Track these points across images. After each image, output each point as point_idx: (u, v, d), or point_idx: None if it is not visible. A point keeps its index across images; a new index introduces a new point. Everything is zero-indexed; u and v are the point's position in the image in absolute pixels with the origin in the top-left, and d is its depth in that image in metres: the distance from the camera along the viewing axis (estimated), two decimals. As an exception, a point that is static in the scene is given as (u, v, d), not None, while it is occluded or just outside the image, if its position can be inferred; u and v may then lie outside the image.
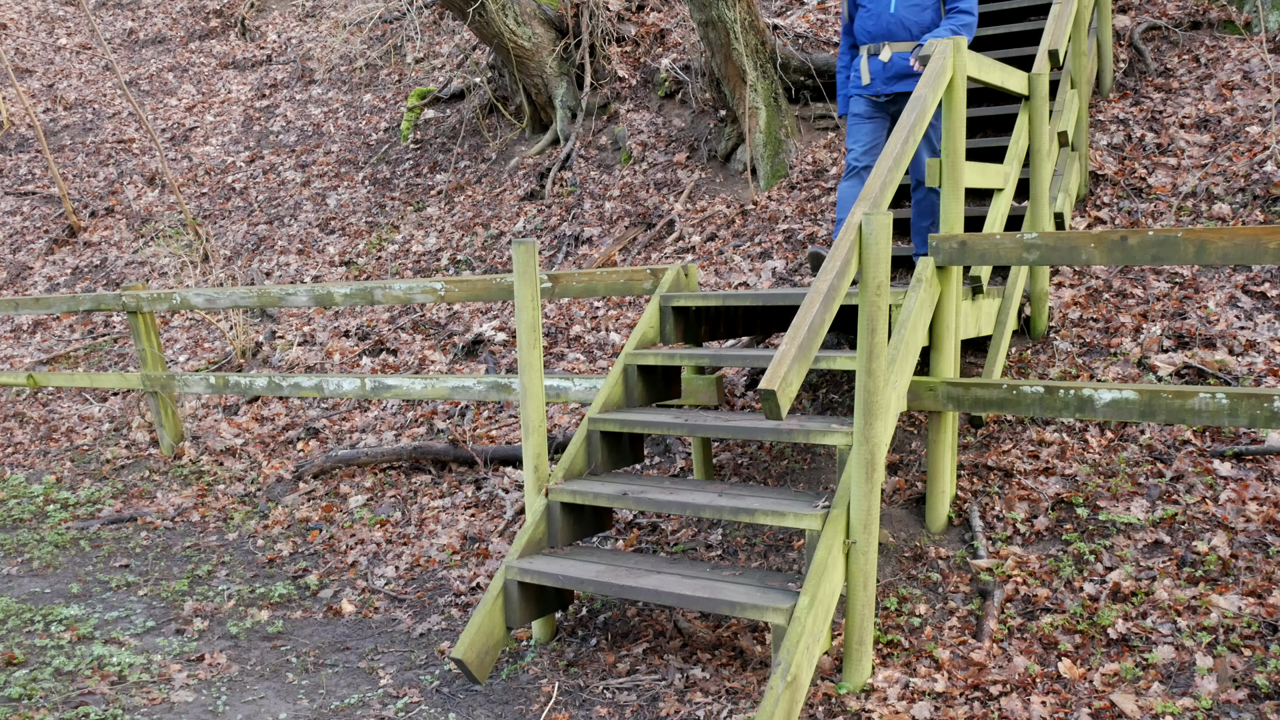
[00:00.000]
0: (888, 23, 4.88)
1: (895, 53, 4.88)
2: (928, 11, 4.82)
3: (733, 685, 3.45)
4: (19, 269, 10.63)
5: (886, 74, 4.91)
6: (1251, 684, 3.13)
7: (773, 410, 2.90)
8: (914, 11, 4.83)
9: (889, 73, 4.91)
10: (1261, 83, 6.27)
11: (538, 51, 8.61)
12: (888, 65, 4.91)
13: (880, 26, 4.91)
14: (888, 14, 4.86)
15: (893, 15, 4.85)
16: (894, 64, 4.89)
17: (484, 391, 5.26)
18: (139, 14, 15.29)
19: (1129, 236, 3.36)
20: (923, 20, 4.82)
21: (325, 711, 3.59)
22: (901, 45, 4.90)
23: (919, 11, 4.83)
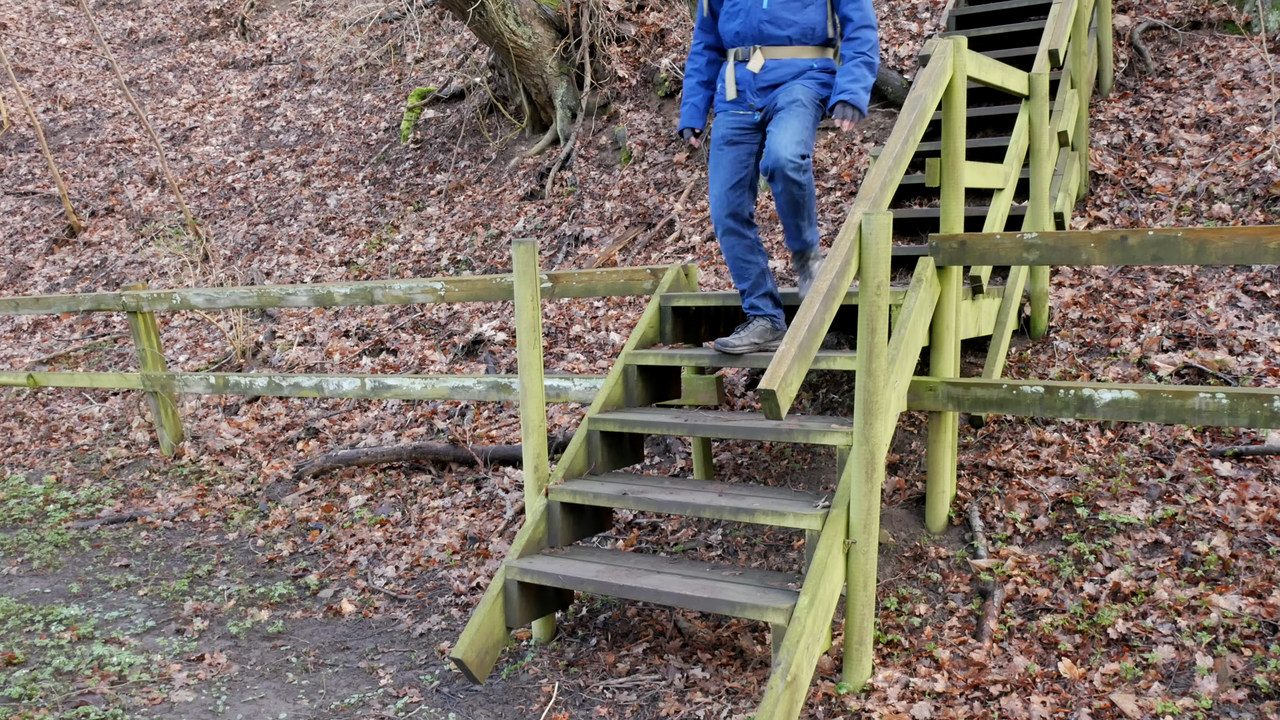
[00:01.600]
0: (758, 21, 3.98)
1: (769, 59, 4.00)
2: (810, 9, 3.96)
3: (733, 685, 3.45)
4: (19, 269, 10.63)
5: (758, 84, 4.02)
6: (1251, 684, 3.13)
7: (773, 410, 2.90)
8: (791, 9, 3.94)
9: (761, 83, 4.02)
10: (1261, 83, 6.27)
11: (538, 51, 8.61)
12: (759, 75, 4.02)
13: (749, 26, 4.01)
14: (759, 10, 3.96)
15: (765, 12, 3.96)
16: (768, 72, 4.01)
17: (484, 391, 5.26)
18: (139, 14, 15.29)
19: (1129, 236, 3.36)
20: (803, 20, 3.96)
21: (325, 711, 3.59)
22: (777, 50, 4.00)
23: (798, 9, 3.95)
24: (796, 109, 3.92)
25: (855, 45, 3.93)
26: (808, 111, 3.93)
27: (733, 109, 4.11)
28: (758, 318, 4.18)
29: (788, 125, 3.89)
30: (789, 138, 3.86)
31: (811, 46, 4.00)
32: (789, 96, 3.96)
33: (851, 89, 3.88)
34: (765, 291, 4.18)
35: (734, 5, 4.03)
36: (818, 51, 4.01)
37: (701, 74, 4.27)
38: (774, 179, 3.88)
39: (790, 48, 3.99)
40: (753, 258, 4.14)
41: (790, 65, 3.99)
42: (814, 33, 3.98)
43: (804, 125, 3.91)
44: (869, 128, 7.33)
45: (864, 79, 3.90)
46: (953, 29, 7.36)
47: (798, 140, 3.86)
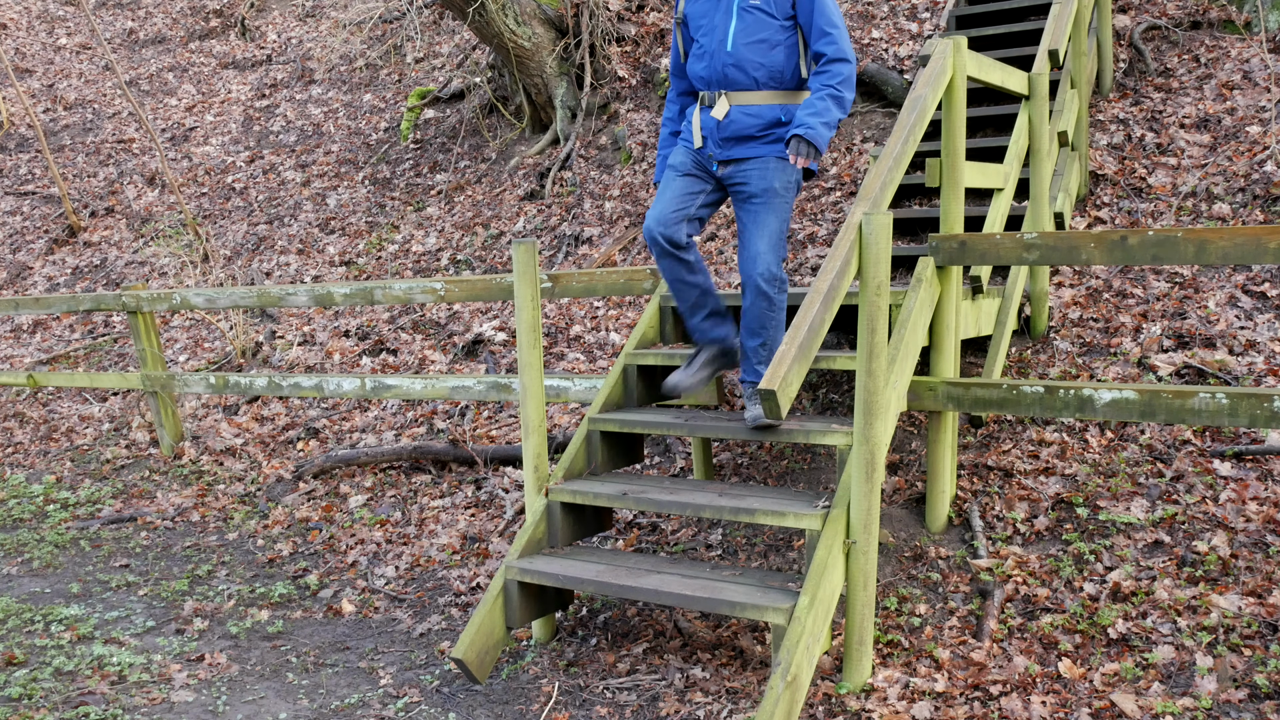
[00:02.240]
0: (723, 65, 3.64)
1: (734, 106, 3.65)
2: (777, 51, 3.62)
3: (733, 685, 3.45)
4: (19, 269, 10.63)
5: (723, 134, 3.68)
6: (1251, 684, 3.13)
7: (773, 410, 2.90)
8: (758, 50, 3.61)
9: (726, 132, 3.67)
10: (1261, 83, 6.27)
11: (538, 51, 8.60)
12: (724, 124, 3.67)
13: (714, 70, 3.67)
14: (723, 53, 3.63)
15: (729, 55, 3.62)
16: (733, 121, 3.66)
17: (484, 391, 5.26)
18: (139, 14, 15.29)
19: (1129, 236, 3.36)
20: (770, 62, 3.62)
21: (325, 711, 3.59)
22: (743, 96, 3.66)
23: (764, 51, 3.61)
24: (771, 204, 3.62)
25: (824, 78, 3.55)
26: (783, 204, 3.65)
27: (699, 155, 3.82)
28: (704, 345, 3.88)
29: (762, 224, 3.60)
30: (764, 245, 3.59)
31: (781, 91, 3.66)
32: (763, 180, 3.63)
33: (809, 123, 3.49)
34: (710, 311, 3.86)
35: (699, 47, 3.74)
36: (787, 97, 3.67)
37: (676, 123, 3.99)
38: (744, 290, 3.64)
39: (758, 93, 3.64)
40: (692, 278, 3.82)
41: (757, 115, 3.64)
42: (783, 76, 3.65)
43: (781, 224, 3.64)
44: (869, 128, 7.32)
45: (827, 114, 3.51)
46: (953, 29, 7.36)
47: (775, 241, 3.61)
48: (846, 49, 3.56)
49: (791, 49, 3.64)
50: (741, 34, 3.61)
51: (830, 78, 3.54)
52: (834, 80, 3.53)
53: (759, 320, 3.67)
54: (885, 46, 7.75)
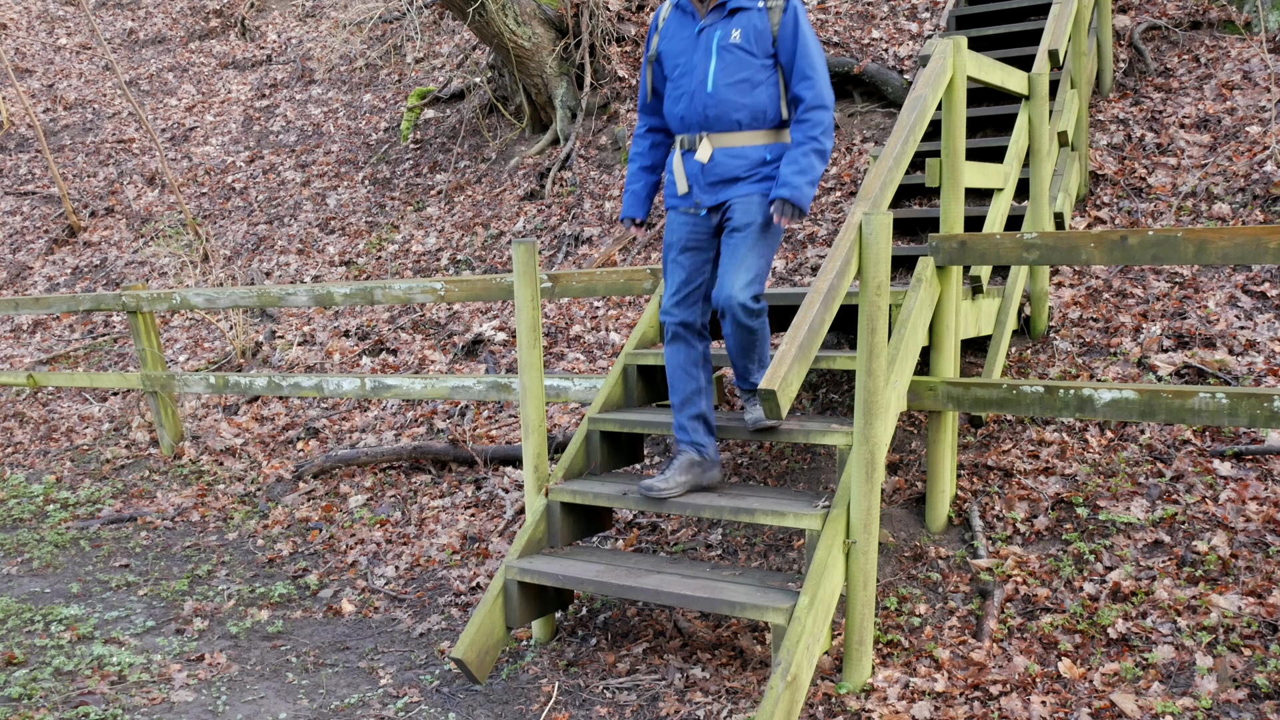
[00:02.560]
0: (703, 106, 3.51)
1: (718, 149, 3.53)
2: (759, 91, 3.49)
3: (733, 685, 3.45)
4: (19, 269, 10.63)
5: (708, 179, 3.55)
6: (1251, 684, 3.13)
7: (773, 410, 2.90)
8: (739, 90, 3.48)
9: (711, 176, 3.55)
10: (1261, 83, 6.27)
11: (538, 51, 8.61)
12: (708, 168, 3.55)
13: (694, 111, 3.54)
14: (703, 94, 3.50)
15: (710, 96, 3.49)
16: (717, 165, 3.54)
17: (484, 391, 5.26)
18: (139, 14, 15.29)
19: (1129, 236, 3.36)
20: (753, 102, 3.49)
21: (325, 711, 3.59)
22: (726, 137, 3.53)
23: (746, 90, 3.48)
24: (753, 235, 3.50)
25: (805, 128, 3.44)
26: (767, 240, 3.53)
27: (683, 206, 3.65)
28: (684, 448, 3.72)
29: (742, 258, 3.48)
30: (743, 276, 3.46)
31: (764, 131, 3.54)
32: (745, 214, 3.51)
33: (794, 182, 3.40)
34: (698, 413, 3.70)
35: (677, 88, 3.58)
36: (771, 136, 3.55)
37: (645, 158, 3.84)
38: (723, 317, 3.52)
39: (740, 134, 3.52)
40: (695, 372, 3.69)
41: (741, 156, 3.52)
42: (765, 116, 3.52)
43: (760, 256, 3.50)
44: (869, 128, 7.33)
45: (811, 170, 3.41)
46: (953, 29, 7.36)
47: (752, 277, 3.47)
48: (826, 94, 3.45)
49: (773, 88, 3.52)
50: (722, 74, 3.48)
51: (811, 127, 3.43)
52: (815, 130, 3.43)
53: (742, 346, 3.58)
54: (885, 46, 7.75)
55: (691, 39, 3.57)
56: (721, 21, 3.52)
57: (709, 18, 3.54)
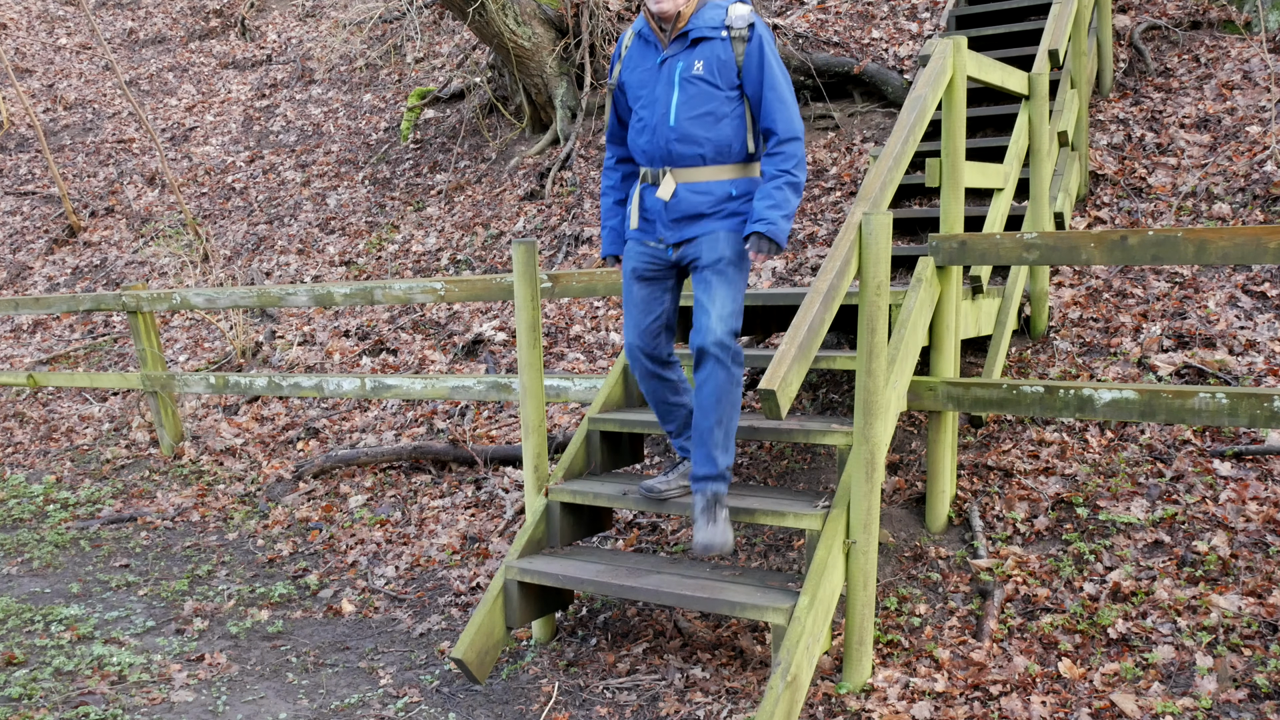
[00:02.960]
0: (665, 140, 3.34)
1: (682, 184, 3.36)
2: (724, 124, 3.32)
3: (733, 685, 3.45)
4: (19, 269, 10.63)
5: (671, 215, 3.39)
6: (1251, 684, 3.13)
7: (773, 410, 2.90)
8: (703, 124, 3.31)
9: (675, 213, 3.38)
10: (1261, 83, 6.27)
11: (538, 51, 8.61)
12: (671, 205, 3.38)
13: (657, 145, 3.37)
14: (666, 128, 3.33)
15: (673, 129, 3.32)
16: (681, 201, 3.37)
17: (484, 391, 5.26)
18: (139, 14, 15.29)
19: (1129, 236, 3.36)
20: (718, 136, 3.32)
21: (325, 711, 3.59)
22: (690, 172, 3.36)
23: (710, 124, 3.31)
24: (724, 273, 3.34)
25: (778, 162, 3.29)
26: (738, 274, 3.37)
27: (641, 238, 3.50)
28: (687, 460, 3.67)
29: (715, 295, 3.33)
30: (716, 312, 3.31)
31: (729, 165, 3.37)
32: (714, 252, 3.35)
33: (769, 216, 3.24)
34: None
35: (639, 120, 3.43)
36: (738, 170, 3.39)
37: (618, 191, 3.69)
38: (700, 364, 3.34)
39: (705, 169, 3.35)
40: (677, 399, 3.61)
41: (706, 192, 3.35)
42: (731, 150, 3.36)
43: (733, 292, 3.35)
44: (869, 128, 7.33)
45: (786, 204, 3.27)
46: (953, 29, 7.36)
47: (727, 313, 3.32)
48: (796, 125, 3.30)
49: (739, 120, 3.35)
50: (685, 107, 3.31)
51: (784, 160, 3.28)
52: (788, 164, 3.28)
53: (715, 395, 3.33)
54: (885, 46, 7.75)
55: (654, 70, 3.40)
56: (684, 52, 3.34)
57: (671, 48, 3.36)
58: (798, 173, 3.30)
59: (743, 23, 3.31)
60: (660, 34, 3.40)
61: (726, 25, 3.32)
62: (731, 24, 3.32)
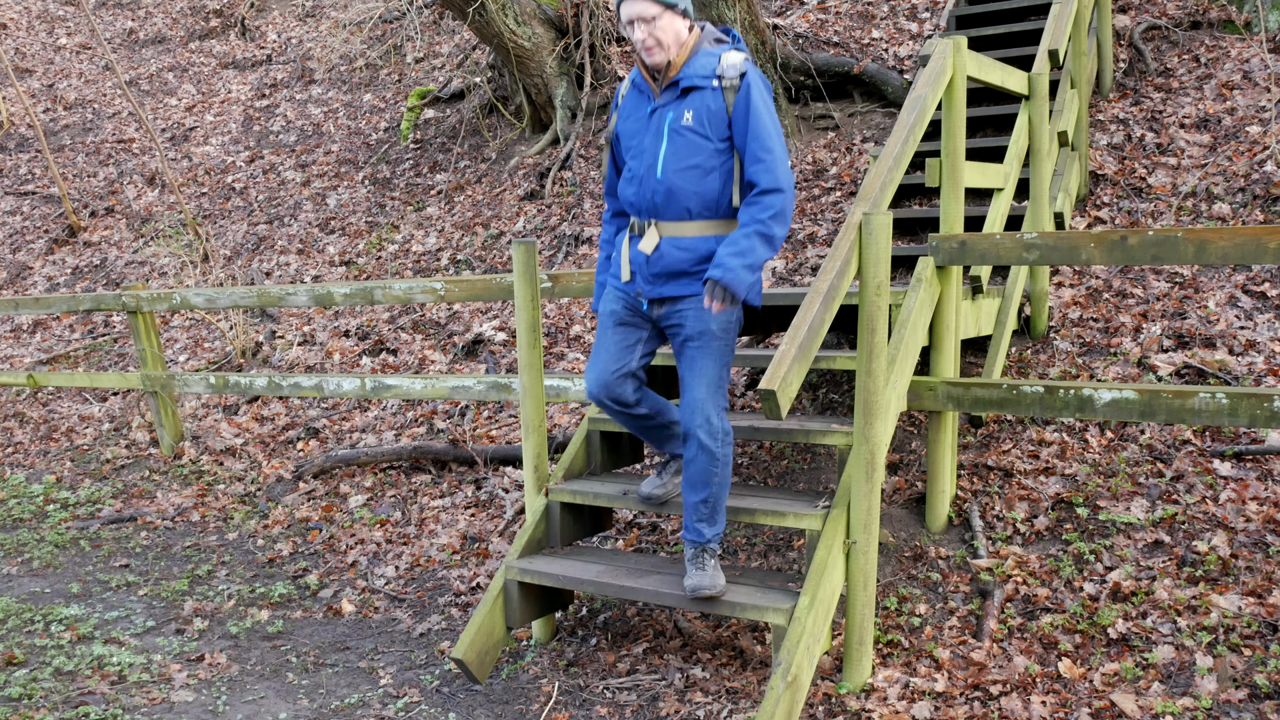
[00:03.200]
0: (652, 192, 3.24)
1: (665, 238, 3.25)
2: (712, 177, 3.20)
3: (733, 685, 3.45)
4: (19, 269, 10.63)
5: (652, 270, 3.27)
6: (1251, 684, 3.13)
7: (773, 410, 2.90)
8: (690, 177, 3.19)
9: (656, 268, 3.27)
10: (1261, 83, 6.27)
11: (538, 51, 8.60)
12: (653, 258, 3.26)
13: (643, 197, 3.27)
14: (653, 180, 3.23)
15: (659, 181, 3.22)
16: (663, 256, 3.25)
17: (484, 391, 5.26)
18: (139, 14, 15.29)
19: (1129, 236, 3.36)
20: (705, 190, 3.20)
21: (325, 711, 3.59)
22: (675, 226, 3.24)
23: (698, 178, 3.19)
24: (708, 347, 3.22)
25: (754, 210, 3.13)
26: (723, 346, 3.25)
27: (626, 289, 3.40)
28: (675, 457, 3.64)
29: (701, 374, 3.22)
30: (703, 393, 3.21)
31: (716, 221, 3.25)
32: (699, 322, 3.22)
33: (729, 264, 3.08)
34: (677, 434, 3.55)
35: (630, 171, 3.33)
36: (724, 226, 3.26)
37: (613, 246, 3.57)
38: (686, 441, 3.26)
39: (691, 223, 3.23)
40: (651, 423, 3.51)
41: (689, 249, 3.23)
42: (718, 205, 3.23)
43: (719, 368, 3.24)
44: (869, 128, 7.33)
45: (750, 253, 3.09)
46: (953, 29, 7.36)
47: (715, 389, 3.23)
48: (782, 177, 3.13)
49: (728, 175, 3.23)
50: (673, 159, 3.20)
51: (760, 210, 3.11)
52: (764, 214, 3.11)
53: (702, 477, 3.26)
54: (885, 46, 7.75)
55: (645, 119, 3.31)
56: (675, 102, 3.23)
57: (663, 97, 3.26)
58: (773, 225, 3.11)
59: (734, 72, 3.18)
60: (653, 83, 3.30)
61: (718, 74, 3.20)
62: (723, 73, 3.19)
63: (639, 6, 3.15)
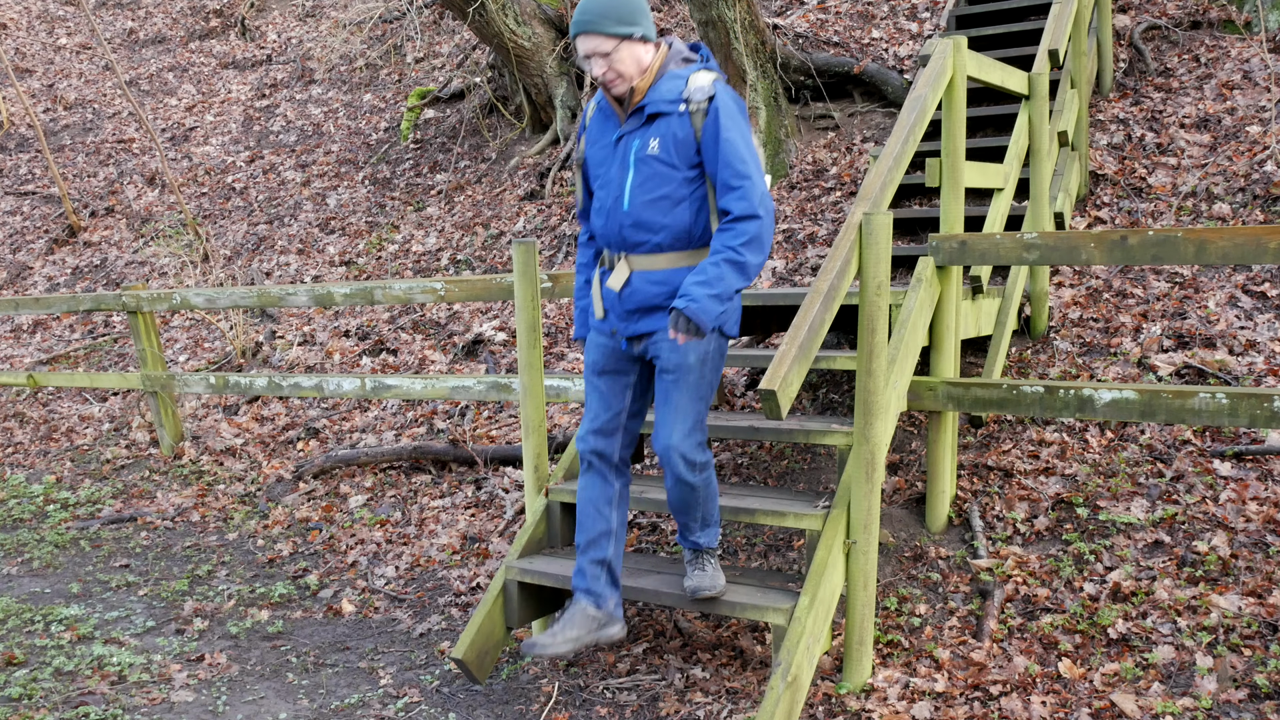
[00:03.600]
0: (619, 225, 3.08)
1: (636, 272, 3.09)
2: (682, 208, 3.02)
3: (733, 685, 3.45)
4: (19, 269, 10.63)
5: (625, 306, 3.12)
6: (1251, 684, 3.13)
7: (773, 410, 2.90)
8: (659, 209, 3.02)
9: (629, 304, 3.11)
10: (1261, 83, 6.27)
11: (538, 51, 8.60)
12: (625, 294, 3.11)
13: (611, 230, 3.11)
14: (620, 212, 3.07)
15: (626, 214, 3.05)
16: (635, 291, 3.09)
17: (484, 391, 5.26)
18: (139, 14, 15.29)
19: (1129, 236, 3.36)
20: (674, 221, 3.02)
21: (325, 711, 3.59)
22: (645, 260, 3.08)
23: (666, 209, 3.02)
24: (684, 380, 3.06)
25: (726, 238, 2.93)
26: (700, 379, 3.08)
27: (601, 328, 3.22)
28: (580, 598, 3.26)
29: (678, 405, 3.06)
30: (681, 424, 3.05)
31: (689, 252, 3.08)
32: (674, 354, 3.05)
33: (694, 294, 2.91)
34: (602, 558, 3.25)
35: (597, 202, 3.16)
36: (699, 256, 3.09)
37: (589, 269, 3.37)
38: (664, 467, 3.14)
39: (662, 256, 3.06)
40: (606, 512, 3.26)
41: (662, 283, 3.07)
42: (690, 236, 3.05)
43: (698, 398, 3.07)
44: (869, 128, 7.33)
45: (719, 283, 2.91)
46: (953, 29, 7.36)
47: (691, 424, 3.07)
48: (757, 203, 2.92)
49: (700, 203, 3.04)
50: (639, 189, 3.03)
51: (733, 237, 2.92)
52: (736, 240, 2.91)
53: (683, 503, 3.18)
54: (885, 46, 7.75)
55: (611, 148, 3.13)
56: (641, 129, 3.05)
57: (628, 124, 3.08)
58: (745, 252, 2.91)
59: (702, 95, 2.98)
60: (618, 108, 3.11)
61: (685, 98, 3.00)
62: (690, 96, 2.99)
63: (593, 41, 2.98)
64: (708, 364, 3.08)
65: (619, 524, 3.27)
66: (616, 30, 2.96)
